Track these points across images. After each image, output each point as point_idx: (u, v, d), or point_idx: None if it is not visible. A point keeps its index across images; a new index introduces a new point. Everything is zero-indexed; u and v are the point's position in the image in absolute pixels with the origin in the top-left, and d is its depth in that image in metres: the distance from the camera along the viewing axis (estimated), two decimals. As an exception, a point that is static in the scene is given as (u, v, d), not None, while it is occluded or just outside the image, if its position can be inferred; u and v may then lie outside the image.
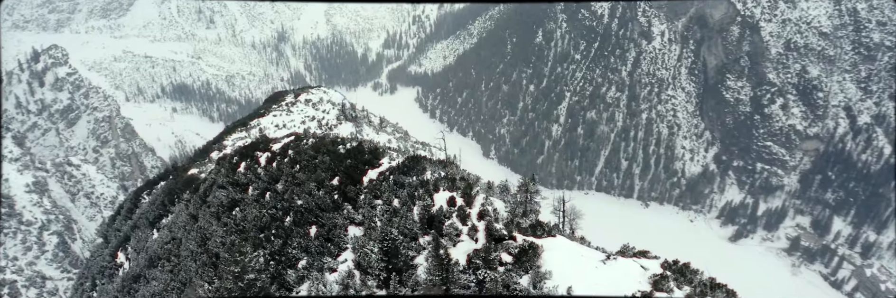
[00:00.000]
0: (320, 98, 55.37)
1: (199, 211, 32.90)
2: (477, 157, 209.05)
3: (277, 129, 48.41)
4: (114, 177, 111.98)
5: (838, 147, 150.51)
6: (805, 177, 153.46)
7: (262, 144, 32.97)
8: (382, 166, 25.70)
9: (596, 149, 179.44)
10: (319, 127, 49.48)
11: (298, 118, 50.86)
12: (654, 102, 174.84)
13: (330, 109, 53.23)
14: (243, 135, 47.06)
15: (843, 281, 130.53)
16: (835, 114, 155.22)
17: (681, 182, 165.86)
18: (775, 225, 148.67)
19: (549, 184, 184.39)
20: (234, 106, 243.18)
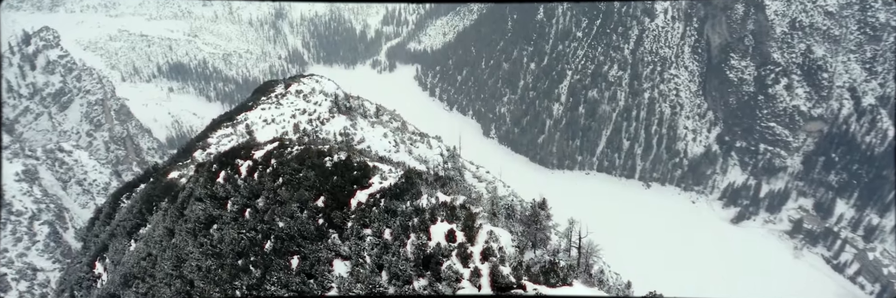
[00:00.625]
0: (312, 88, 51.97)
1: (176, 225, 29.99)
2: (477, 136, 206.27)
3: (266, 125, 45.27)
4: (106, 163, 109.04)
5: (842, 128, 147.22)
6: (808, 159, 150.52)
7: (244, 151, 29.84)
8: (372, 186, 22.62)
9: (597, 129, 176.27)
10: (310, 122, 46.25)
11: (288, 111, 47.61)
12: (657, 81, 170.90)
13: (322, 101, 49.89)
14: (229, 132, 43.91)
15: (846, 265, 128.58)
16: (839, 94, 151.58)
17: (683, 162, 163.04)
18: (778, 207, 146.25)
19: (549, 164, 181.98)
20: (232, 85, 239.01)
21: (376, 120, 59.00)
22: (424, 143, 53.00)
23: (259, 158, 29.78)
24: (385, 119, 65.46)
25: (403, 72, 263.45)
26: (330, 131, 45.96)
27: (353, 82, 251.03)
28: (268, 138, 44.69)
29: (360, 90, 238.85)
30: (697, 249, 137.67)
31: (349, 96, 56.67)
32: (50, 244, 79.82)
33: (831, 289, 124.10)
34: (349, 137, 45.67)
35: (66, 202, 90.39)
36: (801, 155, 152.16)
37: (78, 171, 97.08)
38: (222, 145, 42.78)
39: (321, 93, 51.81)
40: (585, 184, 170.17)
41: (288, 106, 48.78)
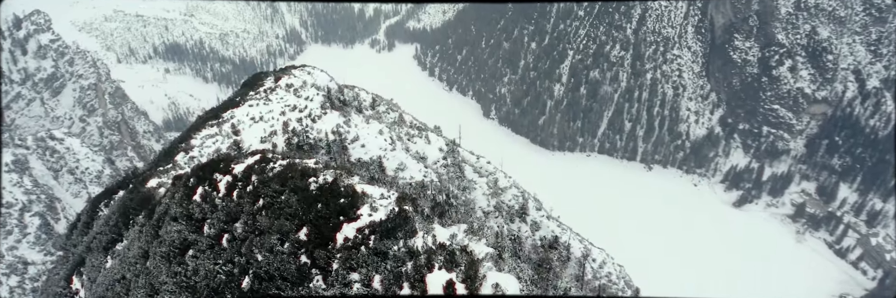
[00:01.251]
0: (303, 82, 48.93)
1: (151, 246, 27.35)
2: (477, 117, 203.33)
3: (253, 123, 42.38)
4: (99, 150, 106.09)
5: (846, 111, 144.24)
6: (811, 142, 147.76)
7: (223, 164, 27.03)
8: (361, 219, 19.81)
9: (599, 110, 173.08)
10: (301, 120, 43.34)
11: (277, 108, 44.69)
12: (660, 62, 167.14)
13: (314, 96, 46.91)
14: (214, 132, 41.08)
15: (848, 250, 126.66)
16: (844, 77, 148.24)
17: (685, 145, 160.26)
18: (780, 190, 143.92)
19: (550, 146, 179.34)
20: (229, 65, 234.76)
21: (373, 112, 55.98)
22: (422, 138, 50.17)
23: (239, 174, 27.00)
24: (382, 109, 62.43)
25: (402, 52, 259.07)
26: (322, 129, 43.07)
27: (352, 63, 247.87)
28: (256, 138, 41.90)
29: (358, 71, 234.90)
30: (699, 233, 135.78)
31: (343, 88, 53.59)
32: (41, 236, 77.53)
33: (833, 275, 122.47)
34: (342, 137, 42.79)
35: (58, 191, 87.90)
36: (804, 138, 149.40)
37: (70, 159, 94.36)
38: (206, 147, 39.97)
39: (313, 86, 48.73)
40: (586, 166, 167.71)
41: (277, 102, 45.77)
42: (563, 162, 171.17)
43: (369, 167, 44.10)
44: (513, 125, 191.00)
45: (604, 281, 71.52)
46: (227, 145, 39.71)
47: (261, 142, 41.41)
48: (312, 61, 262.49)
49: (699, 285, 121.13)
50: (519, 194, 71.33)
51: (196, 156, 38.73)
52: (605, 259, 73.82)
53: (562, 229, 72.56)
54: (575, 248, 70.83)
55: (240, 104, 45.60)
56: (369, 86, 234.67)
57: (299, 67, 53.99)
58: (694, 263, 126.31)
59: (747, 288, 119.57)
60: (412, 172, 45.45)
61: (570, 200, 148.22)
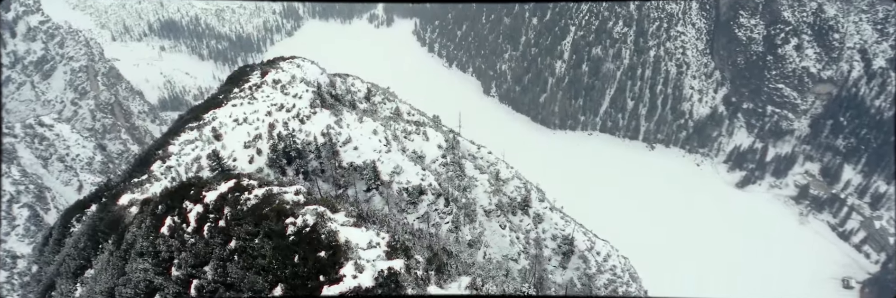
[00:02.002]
0: (292, 76, 45.47)
1: (117, 283, 24.43)
2: (477, 94, 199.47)
3: (237, 125, 39.17)
4: (90, 136, 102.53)
5: (852, 91, 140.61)
6: (816, 122, 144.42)
7: (194, 190, 23.87)
8: (343, 282, 16.69)
9: (601, 88, 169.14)
10: (288, 121, 40.04)
11: (263, 108, 41.37)
12: (663, 39, 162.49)
13: (302, 93, 43.55)
14: (194, 137, 37.89)
15: (852, 233, 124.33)
16: (849, 56, 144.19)
17: (688, 124, 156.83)
18: (784, 171, 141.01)
19: (551, 124, 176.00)
20: (225, 42, 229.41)
21: (368, 104, 52.65)
22: (420, 135, 47.01)
23: (211, 203, 23.87)
24: (378, 100, 59.10)
25: (402, 27, 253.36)
26: (311, 132, 39.81)
27: (350, 38, 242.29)
28: (239, 143, 38.65)
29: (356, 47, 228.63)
30: (701, 214, 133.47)
31: (337, 77, 50.12)
32: (30, 228, 74.83)
33: (835, 257, 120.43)
34: (333, 139, 39.52)
35: (47, 180, 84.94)
36: (808, 119, 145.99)
37: (59, 146, 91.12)
38: (185, 154, 36.76)
39: (302, 81, 45.27)
40: (588, 145, 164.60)
41: (263, 100, 42.40)
42: (565, 141, 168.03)
43: (363, 172, 40.99)
44: (513, 103, 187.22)
45: (609, 275, 69.23)
46: (208, 152, 36.46)
47: (245, 147, 38.18)
48: (310, 37, 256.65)
49: (701, 268, 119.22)
50: (521, 185, 68.36)
51: (173, 166, 35.54)
52: (609, 251, 71.29)
53: (565, 221, 69.80)
54: (579, 241, 68.32)
55: (223, 103, 42.18)
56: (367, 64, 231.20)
57: (288, 59, 50.33)
58: (696, 245, 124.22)
59: (750, 272, 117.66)
60: (409, 176, 42.32)
61: (572, 181, 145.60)
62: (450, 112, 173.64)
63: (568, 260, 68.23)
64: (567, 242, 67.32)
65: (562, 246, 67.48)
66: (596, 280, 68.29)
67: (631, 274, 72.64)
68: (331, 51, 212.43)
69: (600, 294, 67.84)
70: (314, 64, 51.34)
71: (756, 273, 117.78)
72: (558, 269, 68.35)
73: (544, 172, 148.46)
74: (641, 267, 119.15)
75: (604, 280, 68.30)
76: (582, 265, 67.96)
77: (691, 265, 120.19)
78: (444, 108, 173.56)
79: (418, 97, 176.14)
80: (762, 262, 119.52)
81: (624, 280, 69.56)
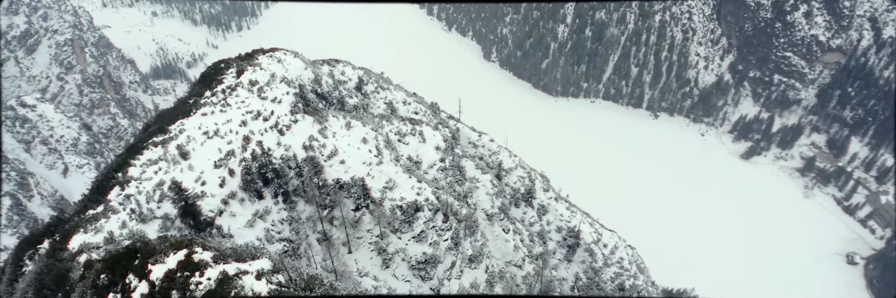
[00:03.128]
0: (271, 75, 39.82)
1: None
2: (477, 60, 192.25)
3: (207, 139, 33.91)
4: (75, 115, 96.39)
5: (860, 61, 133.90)
6: (823, 92, 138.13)
7: (140, 258, 19.06)
8: None
9: (604, 54, 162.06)
10: (264, 133, 34.67)
11: (237, 116, 35.93)
12: (669, 3, 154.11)
13: (282, 96, 38.03)
14: (158, 155, 32.64)
15: (857, 207, 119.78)
16: (859, 25, 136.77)
17: (693, 92, 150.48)
18: (790, 142, 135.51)
19: (553, 92, 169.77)
20: (218, 6, 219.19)
21: (359, 99, 47.34)
22: (416, 136, 41.83)
23: (157, 281, 19.05)
24: (370, 88, 53.71)
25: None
26: (291, 146, 34.54)
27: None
28: (208, 162, 33.35)
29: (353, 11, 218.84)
30: (705, 186, 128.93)
31: (320, 77, 44.39)
32: (13, 217, 70.40)
33: (839, 232, 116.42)
34: (316, 155, 34.23)
35: (30, 165, 79.86)
36: (816, 88, 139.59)
37: (43, 128, 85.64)
38: (146, 179, 31.52)
39: (283, 81, 39.63)
40: (591, 114, 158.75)
41: (237, 107, 36.86)
42: (566, 110, 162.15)
43: (350, 190, 35.85)
44: (514, 69, 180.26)
45: (616, 269, 65.12)
46: (173, 176, 31.18)
47: (215, 167, 32.88)
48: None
49: (703, 242, 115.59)
50: (525, 175, 63.46)
51: (133, 194, 30.33)
52: (616, 243, 66.91)
53: (571, 212, 65.24)
54: (585, 233, 63.95)
55: (192, 111, 36.61)
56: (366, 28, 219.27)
57: (268, 53, 44.38)
58: (699, 219, 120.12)
59: (753, 246, 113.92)
60: (403, 190, 37.18)
61: (574, 151, 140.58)
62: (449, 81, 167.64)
63: (573, 254, 64.02)
64: (573, 235, 62.98)
65: (567, 239, 63.19)
66: (602, 274, 64.29)
67: (638, 266, 68.52)
68: (327, 18, 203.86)
69: (607, 287, 63.96)
70: (297, 57, 45.37)
71: (759, 248, 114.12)
72: (563, 263, 64.30)
73: (546, 143, 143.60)
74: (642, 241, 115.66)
75: (610, 274, 64.24)
76: (588, 258, 63.77)
77: (693, 238, 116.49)
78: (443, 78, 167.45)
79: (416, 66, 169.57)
80: (766, 236, 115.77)
81: (631, 273, 65.47)
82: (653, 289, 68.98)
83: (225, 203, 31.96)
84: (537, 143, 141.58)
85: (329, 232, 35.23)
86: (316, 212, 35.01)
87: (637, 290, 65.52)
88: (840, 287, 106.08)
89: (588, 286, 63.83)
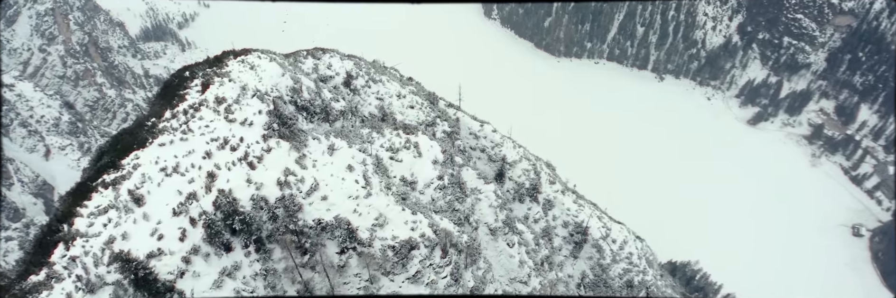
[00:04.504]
0: (242, 88, 33.77)
1: None
2: (477, 17, 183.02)
3: (165, 177, 28.51)
4: (55, 93, 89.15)
5: (872, 25, 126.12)
6: (833, 56, 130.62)
7: None
8: None
9: (610, 13, 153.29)
10: (232, 167, 28.98)
11: (200, 146, 30.25)
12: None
13: (254, 115, 32.21)
14: (108, 201, 27.24)
15: (865, 177, 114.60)
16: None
17: (700, 54, 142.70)
18: (798, 108, 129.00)
19: (556, 52, 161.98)
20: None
21: (346, 102, 41.75)
22: (411, 150, 36.32)
23: None
24: (360, 83, 48.01)
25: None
26: (263, 183, 28.86)
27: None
28: (166, 209, 27.65)
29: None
30: (710, 152, 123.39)
31: (301, 84, 38.21)
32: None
33: (845, 202, 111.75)
34: (292, 195, 28.64)
35: (10, 150, 74.02)
36: (825, 52, 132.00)
37: (21, 108, 79.27)
38: (93, 236, 26.00)
39: (255, 95, 33.55)
40: (594, 75, 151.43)
41: (201, 133, 30.99)
42: (569, 71, 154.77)
43: (334, 231, 30.41)
44: (516, 27, 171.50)
45: (624, 265, 60.71)
46: (124, 230, 25.71)
47: (174, 214, 27.27)
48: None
49: (706, 211, 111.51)
50: (530, 168, 58.01)
51: (79, 255, 24.92)
52: (625, 237, 62.26)
53: (578, 205, 60.19)
54: (593, 228, 59.22)
55: (148, 141, 30.65)
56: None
57: (240, 56, 37.87)
58: (703, 187, 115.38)
59: (757, 216, 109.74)
60: (396, 226, 31.72)
61: (577, 115, 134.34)
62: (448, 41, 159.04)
63: (580, 250, 59.53)
64: (580, 231, 58.24)
65: (574, 235, 58.51)
66: (610, 271, 59.98)
67: (647, 259, 64.17)
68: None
69: (614, 284, 59.80)
70: (274, 59, 38.84)
71: (763, 218, 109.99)
72: (569, 259, 59.88)
73: (547, 107, 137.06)
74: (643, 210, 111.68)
75: (618, 270, 59.96)
76: (596, 254, 59.23)
77: (696, 206, 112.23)
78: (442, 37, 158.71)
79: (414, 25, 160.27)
80: (770, 206, 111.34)
81: (640, 269, 61.21)
82: (661, 283, 65.04)
83: (186, 261, 26.50)
84: (538, 108, 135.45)
85: (310, 284, 30.08)
86: (295, 258, 29.72)
87: (646, 286, 61.47)
88: (844, 260, 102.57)
89: (595, 283, 59.65)
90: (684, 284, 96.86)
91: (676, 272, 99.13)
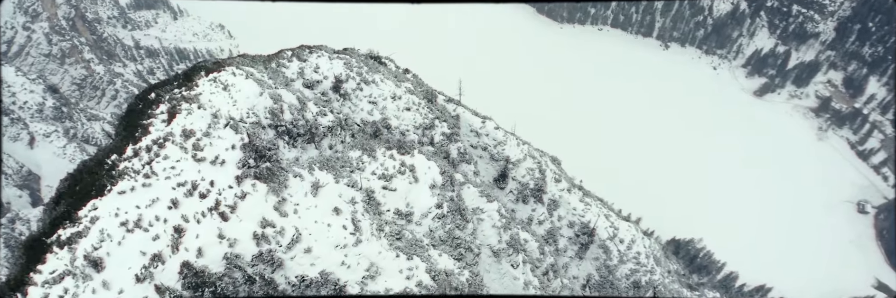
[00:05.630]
0: (213, 116, 29.23)
1: None
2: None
3: (126, 234, 24.67)
4: (38, 77, 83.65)
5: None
6: (842, 26, 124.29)
7: None
8: None
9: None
10: (202, 218, 24.93)
11: (166, 191, 26.18)
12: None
13: (226, 151, 27.90)
14: (64, 266, 23.51)
15: (871, 152, 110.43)
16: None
17: (707, 21, 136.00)
18: (806, 80, 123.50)
19: (559, 17, 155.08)
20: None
21: (334, 115, 37.49)
22: (407, 175, 32.06)
23: None
24: (350, 86, 43.93)
25: None
26: (238, 239, 24.84)
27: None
28: (129, 274, 23.79)
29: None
30: (715, 124, 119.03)
31: (281, 104, 33.64)
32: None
33: (852, 178, 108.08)
34: (270, 252, 24.68)
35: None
36: (835, 21, 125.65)
37: (4, 94, 74.45)
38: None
39: (229, 125, 29.02)
40: (597, 43, 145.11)
41: (166, 176, 26.81)
42: (571, 38, 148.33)
43: (320, 289, 26.63)
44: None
45: (631, 265, 57.50)
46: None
47: (137, 281, 23.35)
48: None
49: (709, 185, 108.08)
50: (534, 167, 53.94)
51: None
52: (633, 236, 58.73)
53: (585, 204, 56.41)
54: (601, 228, 55.70)
55: (107, 189, 26.50)
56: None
57: (213, 73, 33.02)
58: (707, 159, 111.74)
59: (761, 191, 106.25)
60: (388, 277, 27.97)
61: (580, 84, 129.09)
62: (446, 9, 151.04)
63: (586, 250, 56.18)
64: (586, 232, 54.74)
65: (580, 236, 55.04)
66: (616, 271, 56.84)
67: (655, 258, 60.95)
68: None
69: (621, 285, 56.78)
70: (251, 75, 33.97)
71: (768, 192, 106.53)
72: (574, 260, 56.62)
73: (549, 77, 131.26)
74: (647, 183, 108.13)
75: (625, 271, 56.80)
76: (602, 255, 55.96)
77: (699, 179, 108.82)
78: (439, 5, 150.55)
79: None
80: (775, 181, 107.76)
81: (648, 268, 58.06)
82: (668, 281, 62.07)
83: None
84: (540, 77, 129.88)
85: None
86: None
87: (653, 286, 58.46)
88: (849, 237, 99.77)
89: (601, 284, 56.55)
90: (688, 263, 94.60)
91: (679, 250, 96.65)
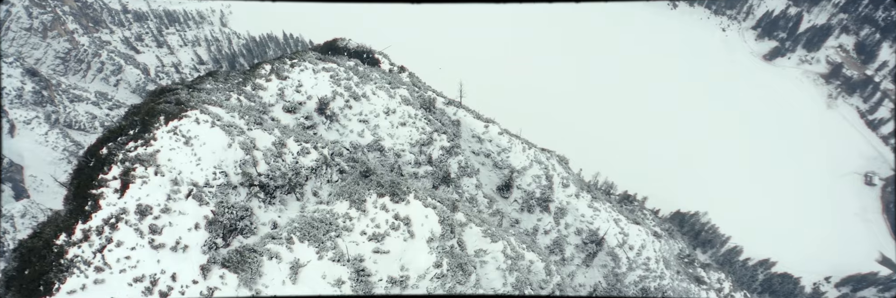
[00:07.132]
0: (174, 181, 23.92)
1: None
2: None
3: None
4: (16, 60, 76.94)
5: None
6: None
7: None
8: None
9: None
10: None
11: (121, 289, 21.44)
12: None
13: (188, 232, 22.83)
14: None
15: (881, 122, 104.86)
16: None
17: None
18: (817, 44, 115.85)
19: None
20: None
21: (319, 151, 32.54)
22: (400, 231, 27.38)
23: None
24: (338, 105, 39.42)
25: None
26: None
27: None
28: None
29: None
30: (723, 90, 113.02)
31: (254, 155, 28.40)
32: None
33: (860, 148, 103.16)
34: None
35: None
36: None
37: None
38: None
39: (192, 194, 24.11)
40: (599, 3, 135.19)
41: (120, 269, 22.46)
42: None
43: None
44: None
45: (640, 272, 53.82)
46: None
47: None
48: None
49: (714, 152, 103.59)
50: (541, 173, 49.26)
51: None
52: (643, 240, 54.71)
53: (594, 210, 52.03)
54: (610, 235, 51.66)
55: (55, 287, 21.90)
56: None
57: (172, 123, 27.24)
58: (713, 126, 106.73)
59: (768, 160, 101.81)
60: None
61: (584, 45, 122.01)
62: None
63: (592, 259, 52.33)
64: (594, 240, 50.71)
65: (588, 245, 51.04)
66: (625, 279, 53.28)
67: (665, 259, 57.22)
68: None
69: (629, 291, 53.30)
70: (217, 123, 28.14)
71: (774, 161, 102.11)
72: (581, 268, 52.87)
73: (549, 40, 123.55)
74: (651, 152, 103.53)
75: (634, 278, 53.19)
76: (610, 263, 52.20)
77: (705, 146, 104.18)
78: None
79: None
80: (782, 150, 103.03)
81: (657, 274, 54.45)
82: (677, 285, 58.62)
83: None
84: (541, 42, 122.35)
85: None
86: None
87: (662, 291, 55.04)
88: (854, 210, 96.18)
89: (608, 290, 53.12)
90: (693, 237, 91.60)
91: (684, 224, 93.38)
